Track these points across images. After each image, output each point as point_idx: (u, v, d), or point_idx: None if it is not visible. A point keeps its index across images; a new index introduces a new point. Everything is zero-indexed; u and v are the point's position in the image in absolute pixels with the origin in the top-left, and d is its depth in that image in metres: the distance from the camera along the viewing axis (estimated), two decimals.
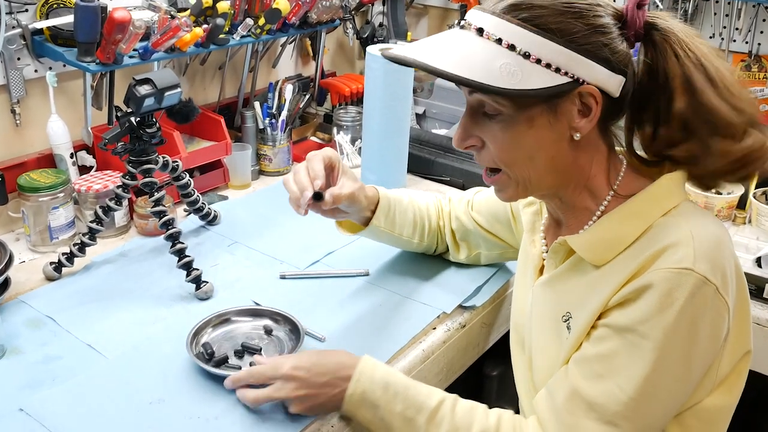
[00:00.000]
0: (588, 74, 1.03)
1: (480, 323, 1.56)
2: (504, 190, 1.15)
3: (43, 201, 1.66)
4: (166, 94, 1.50)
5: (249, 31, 1.98)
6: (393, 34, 2.63)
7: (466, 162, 2.09)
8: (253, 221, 1.88)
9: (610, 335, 1.06)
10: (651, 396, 1.02)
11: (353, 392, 1.18)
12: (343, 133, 2.25)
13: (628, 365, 1.03)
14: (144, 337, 1.40)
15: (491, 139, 1.09)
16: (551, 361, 1.18)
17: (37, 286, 1.56)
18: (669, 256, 1.02)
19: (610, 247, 1.10)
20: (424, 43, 1.07)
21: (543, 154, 1.08)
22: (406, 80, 1.98)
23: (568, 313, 1.15)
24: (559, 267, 1.19)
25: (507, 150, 1.08)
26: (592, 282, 1.11)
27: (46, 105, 1.81)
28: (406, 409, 1.15)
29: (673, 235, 1.04)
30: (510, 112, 1.05)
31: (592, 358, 1.07)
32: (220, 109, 2.23)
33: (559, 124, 1.06)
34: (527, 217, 1.34)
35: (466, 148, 1.13)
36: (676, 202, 1.09)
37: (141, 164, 1.55)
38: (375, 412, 1.17)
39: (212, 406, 1.23)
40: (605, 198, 1.14)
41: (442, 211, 1.61)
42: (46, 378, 1.29)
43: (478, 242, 1.57)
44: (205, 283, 1.54)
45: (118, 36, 1.64)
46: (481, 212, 1.53)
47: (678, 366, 1.02)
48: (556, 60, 1.01)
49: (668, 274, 1.00)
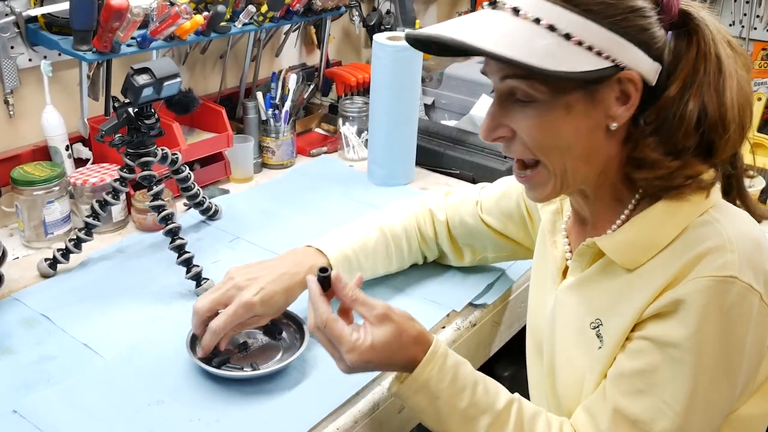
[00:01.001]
0: (629, 59, 0.99)
1: (491, 322, 1.55)
2: (539, 187, 1.10)
3: (37, 195, 1.66)
4: (165, 84, 1.49)
5: (251, 18, 1.97)
6: (401, 21, 2.62)
7: (476, 155, 2.08)
8: (256, 216, 1.87)
9: (649, 349, 1.03)
10: (697, 411, 1.00)
11: (417, 376, 1.11)
12: (348, 125, 2.24)
13: (671, 381, 1.00)
14: (142, 336, 1.40)
15: (524, 128, 1.04)
16: (578, 371, 1.15)
17: (31, 284, 1.56)
18: (710, 262, 0.99)
19: (644, 250, 1.06)
20: (455, 22, 1.02)
21: (580, 143, 1.04)
22: (415, 70, 1.97)
23: (597, 320, 1.12)
24: (586, 270, 1.16)
25: (543, 138, 1.04)
26: (624, 287, 1.08)
27: (40, 95, 1.80)
28: (470, 407, 1.09)
29: (713, 239, 1.00)
30: (546, 98, 1.01)
31: (631, 373, 1.04)
32: (222, 100, 2.22)
33: (596, 112, 1.02)
34: (547, 217, 1.30)
35: (494, 140, 1.08)
36: (712, 202, 1.06)
37: (139, 157, 1.54)
38: (433, 403, 1.11)
39: (213, 408, 1.22)
40: (635, 195, 1.10)
41: (433, 222, 1.54)
42: (41, 378, 1.28)
43: (485, 245, 1.53)
44: (205, 280, 1.53)
45: (116, 24, 1.63)
46: (492, 213, 1.48)
47: (723, 379, 1.00)
48: (598, 43, 0.97)
49: (711, 282, 0.97)
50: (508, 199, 1.44)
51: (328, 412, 1.23)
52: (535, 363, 1.32)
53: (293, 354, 1.31)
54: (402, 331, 1.11)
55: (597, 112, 1.02)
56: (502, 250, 1.53)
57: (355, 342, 1.09)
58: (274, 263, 1.36)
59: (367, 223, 1.51)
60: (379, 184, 2.06)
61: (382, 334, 1.10)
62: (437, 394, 1.10)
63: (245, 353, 1.34)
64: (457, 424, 1.10)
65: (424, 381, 1.11)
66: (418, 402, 1.12)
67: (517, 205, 1.44)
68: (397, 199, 1.69)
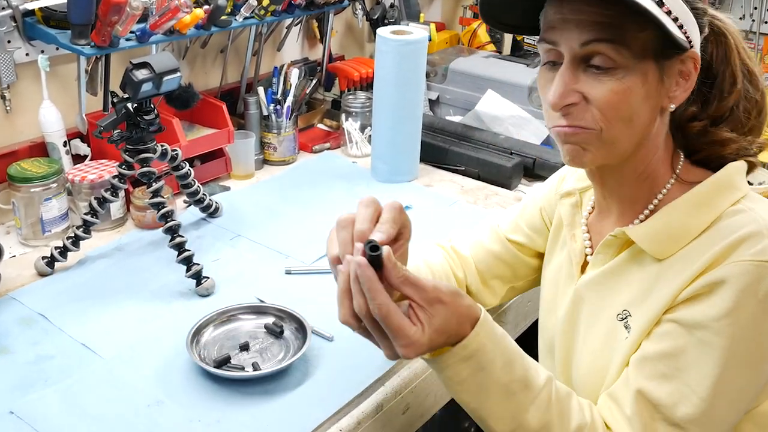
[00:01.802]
0: (695, 38, 1.02)
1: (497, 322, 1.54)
2: (582, 144, 1.06)
3: (34, 192, 1.65)
4: (164, 78, 1.49)
5: (252, 12, 1.97)
6: (405, 15, 2.62)
7: (482, 150, 2.07)
8: (257, 213, 1.87)
9: (677, 332, 1.02)
10: (722, 398, 0.99)
11: (468, 344, 1.03)
12: (351, 120, 2.24)
13: (697, 364, 1.00)
14: (141, 335, 1.40)
15: (599, 94, 1.02)
16: (600, 362, 1.14)
17: (28, 282, 1.56)
18: (749, 247, 0.99)
19: (676, 239, 1.06)
20: None
21: (642, 117, 1.04)
22: (419, 64, 1.97)
23: (625, 311, 1.11)
24: (611, 261, 1.15)
25: (615, 107, 1.02)
26: (653, 277, 1.08)
27: (37, 90, 1.80)
28: (513, 382, 1.04)
29: (751, 225, 1.01)
30: (629, 65, 1.00)
31: (655, 356, 1.03)
32: (222, 95, 2.22)
33: (662, 88, 1.03)
34: (566, 209, 1.28)
35: (566, 106, 1.04)
36: (744, 192, 1.07)
37: (138, 153, 1.54)
38: (477, 374, 1.04)
39: (214, 409, 1.22)
40: (665, 185, 1.11)
41: (460, 262, 1.44)
42: (38, 379, 1.28)
43: (515, 271, 1.43)
44: (206, 279, 1.53)
45: (114, 17, 1.62)
46: (518, 231, 1.42)
47: (751, 367, 1.00)
48: (682, 16, 0.99)
49: (749, 266, 0.97)
50: (529, 213, 1.39)
51: (331, 412, 1.23)
52: (547, 360, 1.31)
53: (295, 354, 1.31)
54: (454, 312, 1.03)
55: (663, 88, 1.04)
56: (528, 273, 1.44)
57: (413, 336, 1.00)
58: None
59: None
60: (382, 180, 2.05)
61: (437, 322, 1.01)
62: (483, 365, 1.03)
63: (246, 353, 1.34)
64: (498, 397, 1.04)
65: (474, 350, 1.03)
66: (459, 372, 1.04)
67: (539, 214, 1.39)
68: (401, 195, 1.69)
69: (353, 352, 1.34)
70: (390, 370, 1.33)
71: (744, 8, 2.28)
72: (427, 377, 1.36)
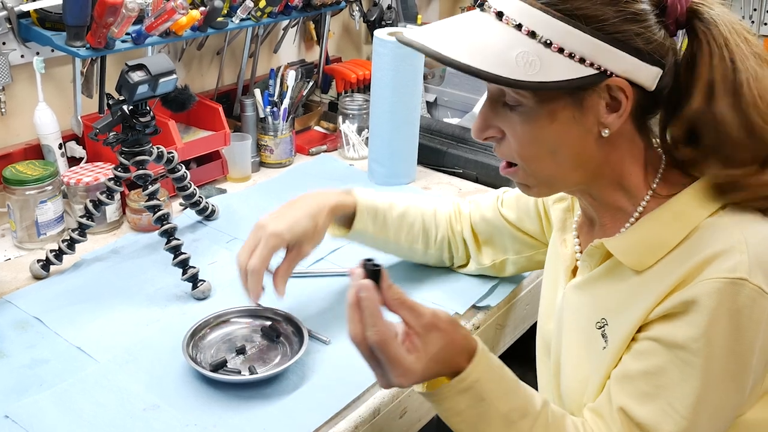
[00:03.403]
0: (617, 66, 0.99)
1: (495, 325, 1.55)
2: (523, 183, 1.13)
3: (29, 195, 1.66)
4: (160, 80, 1.49)
5: (249, 13, 1.97)
6: (402, 17, 2.62)
7: (479, 153, 2.08)
8: (254, 216, 1.84)
9: (657, 351, 1.03)
10: (704, 415, 1.00)
11: (466, 376, 1.05)
12: (348, 123, 2.24)
13: (679, 383, 1.00)
14: (137, 339, 1.40)
15: (511, 131, 1.06)
16: (582, 371, 1.15)
17: (23, 285, 1.56)
18: (720, 263, 0.98)
19: (652, 251, 1.06)
20: (437, 27, 1.05)
21: (566, 150, 1.06)
22: (416, 66, 1.97)
23: (603, 320, 1.12)
24: (594, 270, 1.16)
25: (527, 144, 1.06)
26: (631, 288, 1.08)
27: (33, 92, 1.80)
28: (512, 411, 1.06)
29: (723, 240, 1.00)
30: (531, 104, 1.03)
31: (637, 375, 1.04)
32: (218, 97, 2.22)
33: (585, 119, 1.03)
34: (557, 214, 1.30)
35: (485, 139, 1.11)
36: (723, 202, 1.06)
37: (134, 155, 1.55)
38: (477, 405, 1.05)
39: (210, 413, 1.22)
40: (643, 198, 1.10)
41: (459, 215, 1.56)
42: (33, 383, 1.28)
43: (505, 244, 1.52)
44: (202, 282, 1.53)
45: (110, 19, 1.63)
46: (511, 207, 1.49)
47: (731, 383, 1.00)
48: (581, 49, 0.98)
49: (720, 284, 0.97)
50: (527, 197, 1.43)
51: (327, 417, 1.23)
52: (544, 363, 1.32)
53: (292, 357, 1.31)
54: (450, 341, 1.06)
55: (586, 119, 1.03)
56: (522, 249, 1.50)
57: (409, 366, 1.03)
58: (298, 197, 1.45)
59: (398, 195, 1.57)
60: (379, 183, 2.06)
61: (433, 350, 1.04)
62: (483, 395, 1.05)
63: (243, 357, 1.34)
64: (497, 427, 1.06)
65: (473, 381, 1.05)
66: (458, 403, 1.06)
67: (534, 203, 1.44)
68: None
69: (350, 355, 1.33)
70: None
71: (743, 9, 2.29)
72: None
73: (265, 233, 1.36)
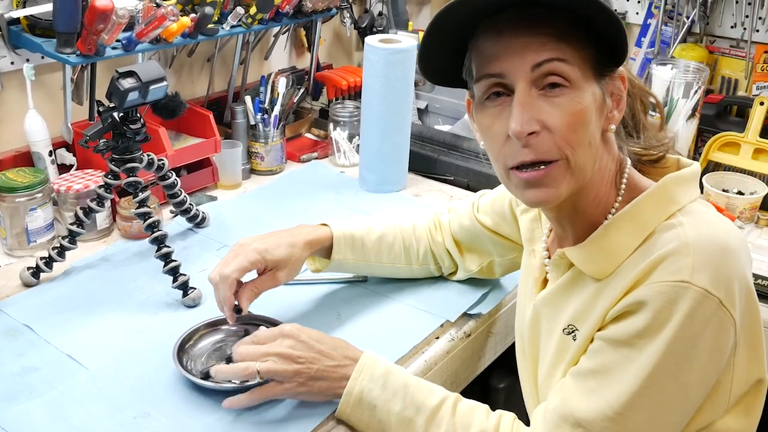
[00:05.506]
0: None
1: (486, 332, 1.56)
2: (554, 183, 1.04)
3: (20, 202, 1.66)
4: (151, 87, 1.49)
5: (240, 20, 1.98)
6: (393, 23, 2.63)
7: (471, 160, 2.09)
8: (244, 223, 1.88)
9: (604, 348, 1.06)
10: (640, 413, 1.02)
11: (351, 390, 1.20)
12: (339, 130, 2.25)
13: (619, 380, 1.03)
14: (128, 347, 1.40)
15: (559, 119, 1.00)
16: (556, 377, 1.17)
17: (13, 293, 1.56)
18: (665, 267, 1.00)
19: (611, 259, 1.08)
20: None
21: (596, 140, 1.06)
22: (408, 73, 1.98)
23: (571, 326, 1.14)
24: (560, 279, 1.18)
25: (576, 130, 1.01)
26: (594, 295, 1.10)
27: (23, 99, 1.81)
28: (405, 408, 1.17)
29: (670, 244, 1.02)
30: (580, 84, 1.01)
31: (587, 372, 1.08)
32: (209, 104, 2.23)
33: (605, 108, 1.06)
34: (525, 224, 1.32)
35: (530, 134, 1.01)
36: (681, 204, 1.07)
37: (124, 163, 1.55)
38: (372, 413, 1.19)
39: (200, 421, 1.23)
40: (613, 205, 1.12)
41: (439, 225, 1.58)
42: (23, 390, 1.29)
43: (488, 249, 1.53)
44: (192, 290, 1.54)
45: (100, 26, 1.64)
46: (487, 213, 1.49)
47: (673, 383, 1.01)
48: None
49: (663, 287, 0.99)
50: (502, 199, 1.45)
51: (317, 423, 1.24)
52: (524, 370, 1.34)
53: None
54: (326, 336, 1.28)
55: (605, 108, 1.06)
56: (506, 252, 1.51)
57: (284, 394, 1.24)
58: (275, 231, 1.47)
59: (375, 218, 1.59)
60: (370, 190, 2.07)
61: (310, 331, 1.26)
62: (373, 403, 1.19)
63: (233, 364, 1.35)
64: (398, 426, 1.17)
65: (358, 393, 1.20)
66: (361, 417, 1.21)
67: (509, 206, 1.44)
68: (390, 205, 1.70)
69: None
70: None
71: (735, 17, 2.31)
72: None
73: (246, 249, 1.39)
